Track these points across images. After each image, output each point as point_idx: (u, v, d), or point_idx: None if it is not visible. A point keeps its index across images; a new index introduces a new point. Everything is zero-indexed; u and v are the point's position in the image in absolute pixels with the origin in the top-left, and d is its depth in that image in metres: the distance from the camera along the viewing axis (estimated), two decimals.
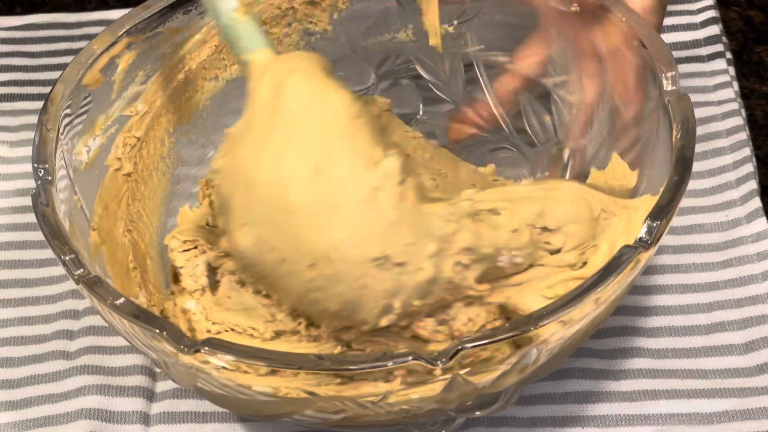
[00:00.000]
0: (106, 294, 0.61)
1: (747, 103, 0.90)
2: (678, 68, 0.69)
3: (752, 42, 0.95)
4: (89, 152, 0.73)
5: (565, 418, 0.72)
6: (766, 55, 0.94)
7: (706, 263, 0.79)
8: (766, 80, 0.92)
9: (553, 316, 0.57)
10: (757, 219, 0.80)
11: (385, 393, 0.58)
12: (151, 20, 0.77)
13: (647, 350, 0.75)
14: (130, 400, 0.74)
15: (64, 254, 0.63)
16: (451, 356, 0.56)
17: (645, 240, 0.61)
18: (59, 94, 0.71)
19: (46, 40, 0.98)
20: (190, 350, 0.58)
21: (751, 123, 0.89)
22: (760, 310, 0.76)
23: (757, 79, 0.92)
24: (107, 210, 0.73)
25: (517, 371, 0.60)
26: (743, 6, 0.99)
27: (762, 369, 0.73)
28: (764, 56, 0.94)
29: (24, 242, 0.84)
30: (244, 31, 0.69)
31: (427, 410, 0.60)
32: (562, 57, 0.79)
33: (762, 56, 0.94)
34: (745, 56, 0.94)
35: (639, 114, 0.73)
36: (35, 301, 0.81)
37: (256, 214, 0.63)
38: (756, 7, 0.98)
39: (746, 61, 0.94)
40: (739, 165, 0.84)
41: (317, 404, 0.59)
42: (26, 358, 0.77)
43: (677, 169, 0.64)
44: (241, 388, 0.60)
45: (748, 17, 0.97)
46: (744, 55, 0.95)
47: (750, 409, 0.71)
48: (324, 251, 0.62)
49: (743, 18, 0.97)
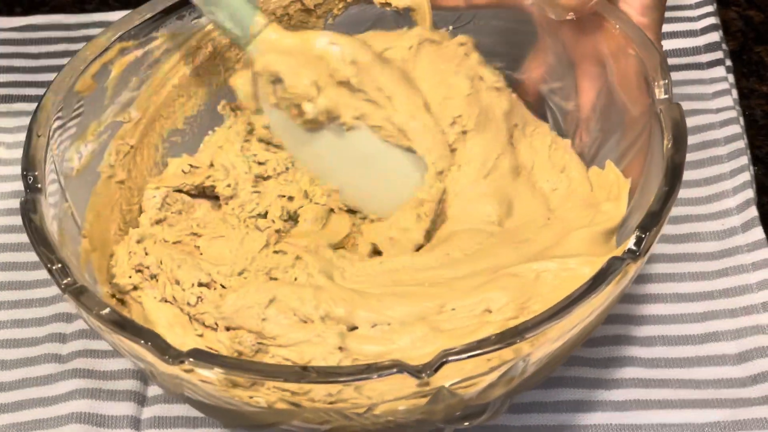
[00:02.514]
0: (92, 303, 0.61)
1: (747, 103, 0.90)
2: (671, 76, 0.69)
3: (752, 42, 0.95)
4: (81, 158, 0.73)
5: (557, 426, 0.72)
6: (766, 55, 0.94)
7: (701, 272, 0.79)
8: (766, 80, 0.92)
9: (540, 327, 0.57)
10: (753, 228, 0.80)
11: (370, 405, 0.58)
12: (145, 26, 0.77)
13: (640, 359, 0.75)
14: (121, 404, 0.74)
15: (51, 263, 0.63)
16: (435, 369, 0.56)
17: (633, 251, 0.60)
18: (50, 102, 0.71)
19: (45, 42, 0.98)
20: (174, 361, 0.57)
21: (751, 123, 0.89)
22: (754, 320, 0.75)
23: (757, 79, 0.92)
24: (99, 217, 0.73)
25: (504, 383, 0.60)
26: (743, 6, 0.98)
27: (755, 379, 0.73)
28: (764, 56, 0.94)
29: (18, 244, 0.84)
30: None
31: (414, 421, 0.60)
32: (558, 64, 0.79)
33: (762, 56, 0.94)
34: (745, 56, 0.94)
35: (632, 121, 0.72)
36: (28, 304, 0.81)
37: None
38: (756, 7, 0.98)
39: (746, 61, 0.94)
40: (736, 173, 0.83)
41: (303, 415, 0.59)
42: (18, 361, 0.77)
43: (667, 179, 0.64)
44: (226, 398, 0.60)
45: (748, 17, 0.97)
46: (744, 55, 0.94)
47: (743, 420, 0.71)
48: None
49: (743, 18, 0.97)
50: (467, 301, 0.66)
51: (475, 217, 0.73)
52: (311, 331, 0.65)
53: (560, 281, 0.66)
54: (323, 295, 0.66)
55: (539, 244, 0.70)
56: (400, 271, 0.69)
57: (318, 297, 0.66)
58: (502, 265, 0.68)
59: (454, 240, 0.71)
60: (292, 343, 0.65)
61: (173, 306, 0.69)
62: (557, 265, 0.67)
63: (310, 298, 0.66)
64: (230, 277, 0.69)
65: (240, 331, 0.66)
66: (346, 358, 0.64)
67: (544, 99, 0.80)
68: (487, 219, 0.72)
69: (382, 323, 0.65)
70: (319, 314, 0.66)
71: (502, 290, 0.66)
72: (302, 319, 0.66)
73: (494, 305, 0.65)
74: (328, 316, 0.66)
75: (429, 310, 0.66)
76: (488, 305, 0.65)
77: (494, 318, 0.65)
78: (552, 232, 0.71)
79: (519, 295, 0.65)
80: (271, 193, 0.75)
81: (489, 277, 0.67)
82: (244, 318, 0.66)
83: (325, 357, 0.63)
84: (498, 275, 0.67)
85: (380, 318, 0.66)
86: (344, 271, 0.69)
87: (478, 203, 0.73)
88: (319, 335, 0.64)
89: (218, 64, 0.81)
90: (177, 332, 0.67)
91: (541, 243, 0.70)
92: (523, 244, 0.70)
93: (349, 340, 0.64)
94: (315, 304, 0.66)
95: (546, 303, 0.64)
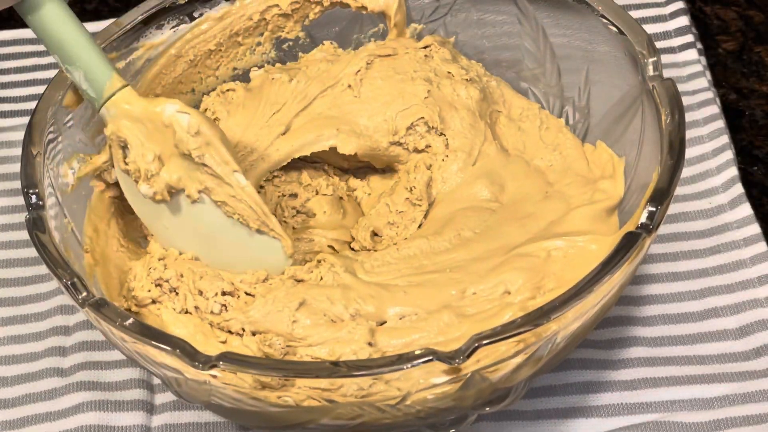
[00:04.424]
0: (114, 315, 0.60)
1: (747, 103, 0.91)
2: (660, 54, 0.70)
3: (752, 42, 0.96)
4: (74, 174, 0.72)
5: (568, 409, 0.73)
6: (766, 55, 0.95)
7: (693, 250, 0.80)
8: (766, 80, 0.93)
9: (567, 306, 0.58)
10: (741, 205, 0.81)
11: (403, 395, 0.58)
12: (125, 37, 0.77)
13: (644, 339, 0.76)
14: (130, 414, 0.73)
15: (66, 279, 0.62)
16: (468, 354, 0.56)
17: (647, 225, 0.61)
18: (42, 119, 0.70)
19: (13, 57, 0.97)
20: (204, 366, 0.57)
21: (751, 123, 0.90)
22: (751, 295, 0.77)
23: (757, 79, 0.93)
24: (97, 231, 0.73)
25: (531, 364, 0.60)
26: (743, 6, 0.99)
27: (759, 352, 0.74)
28: (764, 56, 0.95)
29: (7, 260, 0.83)
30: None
31: (444, 408, 0.61)
32: (537, 50, 0.80)
33: (762, 56, 0.95)
34: (745, 56, 0.95)
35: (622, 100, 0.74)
36: (24, 320, 0.80)
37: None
38: (756, 7, 0.99)
39: (746, 61, 0.95)
40: (718, 152, 0.84)
41: (335, 411, 0.59)
42: (20, 377, 0.76)
43: (672, 153, 0.65)
44: (252, 400, 0.60)
45: (748, 17, 0.98)
46: (744, 55, 0.95)
47: (750, 393, 0.72)
48: None
49: (743, 18, 0.98)
50: (486, 284, 0.67)
51: (469, 199, 0.74)
52: (341, 329, 0.65)
53: (570, 259, 0.68)
54: (351, 294, 0.67)
55: (543, 218, 0.71)
56: (419, 256, 0.70)
57: (347, 296, 0.67)
58: (513, 243, 0.69)
59: (459, 219, 0.72)
60: (321, 341, 0.65)
61: (193, 316, 0.69)
62: (566, 243, 0.68)
63: (339, 298, 0.67)
64: (255, 284, 0.69)
65: (268, 335, 0.66)
66: (376, 353, 0.64)
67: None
68: (482, 198, 0.74)
69: (410, 315, 0.66)
70: (349, 313, 0.66)
71: (517, 271, 0.67)
72: (332, 319, 0.66)
73: (512, 287, 0.66)
74: (358, 313, 0.66)
75: (452, 297, 0.66)
76: (506, 287, 0.67)
77: (513, 299, 0.66)
78: (553, 205, 0.72)
79: (533, 275, 0.67)
80: (271, 199, 0.75)
81: (503, 258, 0.68)
82: (273, 322, 0.66)
83: (356, 352, 0.63)
84: (511, 256, 0.68)
85: (408, 310, 0.66)
86: (364, 264, 0.69)
87: (469, 187, 0.74)
88: (349, 332, 0.65)
89: (199, 71, 0.81)
90: (198, 340, 0.67)
91: (545, 217, 0.71)
92: (527, 220, 0.71)
93: (378, 335, 0.65)
94: (345, 303, 0.66)
95: (559, 281, 0.66)
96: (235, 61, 0.83)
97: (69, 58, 0.69)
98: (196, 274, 0.69)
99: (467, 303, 0.66)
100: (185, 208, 0.70)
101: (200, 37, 0.80)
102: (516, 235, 0.70)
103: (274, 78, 0.78)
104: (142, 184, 0.69)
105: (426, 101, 0.75)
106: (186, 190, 0.69)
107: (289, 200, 0.75)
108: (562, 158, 0.76)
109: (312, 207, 0.75)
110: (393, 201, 0.74)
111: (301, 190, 0.76)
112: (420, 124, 0.75)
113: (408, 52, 0.78)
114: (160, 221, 0.72)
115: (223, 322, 0.68)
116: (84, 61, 0.69)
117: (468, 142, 0.75)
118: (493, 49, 0.82)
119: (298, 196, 0.75)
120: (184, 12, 0.79)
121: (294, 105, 0.77)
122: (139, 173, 0.69)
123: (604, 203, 0.71)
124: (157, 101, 0.69)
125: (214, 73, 0.82)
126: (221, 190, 0.69)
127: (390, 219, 0.74)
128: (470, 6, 0.82)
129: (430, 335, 0.64)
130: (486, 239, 0.70)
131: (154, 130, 0.68)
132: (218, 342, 0.67)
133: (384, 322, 0.66)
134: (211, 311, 0.68)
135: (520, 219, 0.72)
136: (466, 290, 0.67)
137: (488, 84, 0.79)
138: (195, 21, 0.80)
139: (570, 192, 0.74)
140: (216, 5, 0.80)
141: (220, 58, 0.82)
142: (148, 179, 0.69)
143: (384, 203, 0.75)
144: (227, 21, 0.81)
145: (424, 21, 0.83)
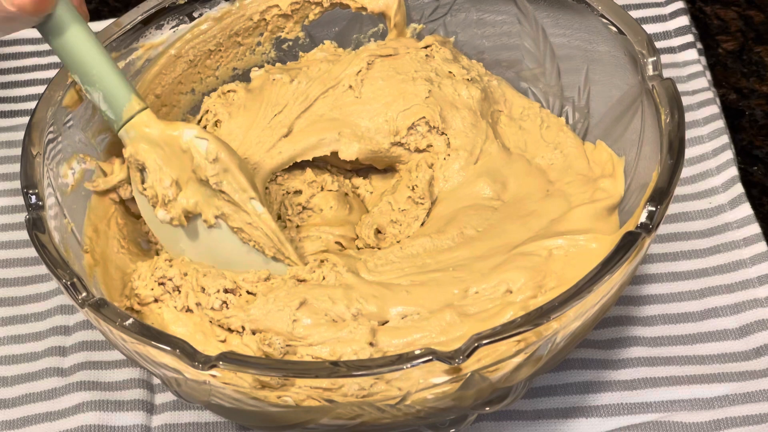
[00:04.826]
0: (114, 315, 0.60)
1: (747, 103, 0.91)
2: (659, 53, 0.70)
3: (752, 42, 0.96)
4: (74, 174, 0.73)
5: (568, 409, 0.73)
6: (766, 55, 0.95)
7: (693, 250, 0.80)
8: (766, 80, 0.93)
9: (567, 306, 0.58)
10: (741, 205, 0.81)
11: (403, 395, 0.58)
12: (125, 37, 0.77)
13: (643, 339, 0.76)
14: (130, 414, 0.73)
15: (66, 279, 0.62)
16: (468, 354, 0.56)
17: (646, 225, 0.62)
18: (42, 119, 0.70)
19: (13, 57, 0.97)
20: (204, 366, 0.57)
21: (751, 123, 0.90)
22: (751, 294, 0.77)
23: (757, 79, 0.93)
24: (97, 232, 0.73)
25: (531, 364, 0.60)
26: (743, 6, 0.99)
27: (759, 352, 0.74)
28: (764, 56, 0.95)
29: (7, 261, 0.83)
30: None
31: (443, 408, 0.61)
32: (536, 50, 0.80)
33: (762, 56, 0.95)
34: (745, 56, 0.95)
35: (621, 100, 0.74)
36: (24, 319, 0.80)
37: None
38: (756, 7, 0.99)
39: (746, 61, 0.95)
40: (718, 152, 0.84)
41: (335, 411, 0.59)
42: (19, 377, 0.76)
43: (672, 153, 0.65)
44: (252, 400, 0.60)
45: (748, 17, 0.98)
46: (744, 55, 0.95)
47: (750, 393, 0.72)
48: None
49: (743, 18, 0.98)
50: (488, 283, 0.67)
51: (471, 197, 0.74)
52: (342, 329, 0.65)
53: (571, 258, 0.68)
54: (354, 294, 0.67)
55: (545, 216, 0.72)
56: (422, 255, 0.70)
57: (349, 296, 0.67)
58: (515, 242, 0.70)
59: (462, 217, 0.72)
60: (322, 341, 0.65)
61: (194, 315, 0.69)
62: (567, 242, 0.68)
63: (341, 298, 0.67)
64: (257, 283, 0.69)
65: (268, 333, 0.66)
66: (377, 353, 0.64)
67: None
68: (484, 196, 0.74)
69: (412, 314, 0.66)
70: (351, 313, 0.66)
71: (519, 270, 0.67)
72: (334, 318, 0.66)
73: (514, 285, 0.67)
74: (360, 313, 0.66)
75: (455, 296, 0.66)
76: (508, 286, 0.67)
77: (515, 298, 0.66)
78: (554, 203, 0.73)
79: (535, 274, 0.67)
80: (276, 197, 0.75)
81: (505, 257, 0.68)
82: (273, 320, 0.66)
83: (357, 352, 0.64)
84: (513, 254, 0.68)
85: (410, 309, 0.66)
86: (367, 262, 0.69)
87: (471, 185, 0.75)
88: (350, 332, 0.65)
89: (199, 71, 0.81)
90: (198, 339, 0.67)
91: (547, 215, 0.72)
92: (529, 218, 0.72)
93: (380, 335, 0.65)
94: (347, 303, 0.66)
95: (560, 280, 0.66)
96: (235, 62, 0.83)
97: (89, 80, 0.70)
98: (199, 272, 0.70)
99: (469, 302, 0.66)
100: (202, 233, 0.71)
101: (200, 37, 0.80)
102: (518, 232, 0.70)
103: (275, 79, 0.78)
104: (159, 209, 0.70)
105: (427, 101, 0.76)
106: (203, 215, 0.70)
107: (294, 197, 0.75)
108: (563, 157, 0.76)
109: (318, 203, 0.75)
110: (395, 199, 0.74)
111: (305, 187, 0.76)
112: (421, 124, 0.75)
113: (409, 52, 0.78)
114: (178, 245, 0.72)
115: (223, 319, 0.68)
116: (104, 83, 0.70)
117: (469, 141, 0.75)
118: (493, 49, 0.82)
119: (302, 193, 0.75)
120: (184, 12, 0.79)
121: (295, 106, 0.77)
122: (157, 198, 0.70)
123: (604, 202, 0.72)
124: (176, 125, 0.69)
125: (214, 73, 0.82)
126: (238, 216, 0.69)
127: (393, 217, 0.74)
128: (470, 6, 0.82)
129: (432, 335, 0.64)
130: (488, 237, 0.71)
131: (172, 155, 0.69)
132: (218, 341, 0.67)
133: (386, 321, 0.66)
134: (211, 307, 0.68)
135: (521, 217, 0.72)
136: (469, 289, 0.67)
137: (489, 83, 0.79)
138: (195, 21, 0.80)
139: (571, 190, 0.74)
140: (216, 5, 0.80)
141: (219, 58, 0.82)
142: (165, 205, 0.70)
143: (386, 201, 0.75)
144: (227, 21, 0.81)
145: (424, 21, 0.83)
